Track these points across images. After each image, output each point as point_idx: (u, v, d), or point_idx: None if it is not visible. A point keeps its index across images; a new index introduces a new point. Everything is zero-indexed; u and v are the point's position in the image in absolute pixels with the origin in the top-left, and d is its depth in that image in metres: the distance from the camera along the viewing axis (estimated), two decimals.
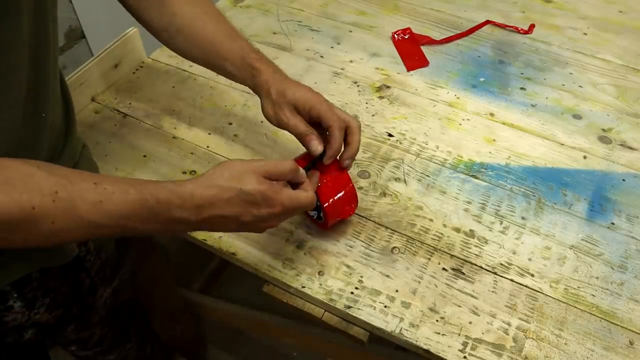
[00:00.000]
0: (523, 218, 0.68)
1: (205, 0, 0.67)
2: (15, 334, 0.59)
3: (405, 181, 0.72)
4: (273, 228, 0.54)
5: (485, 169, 0.74)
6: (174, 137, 0.77)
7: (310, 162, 0.59)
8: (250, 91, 0.63)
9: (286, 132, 0.76)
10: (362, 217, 0.67)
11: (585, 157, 0.77)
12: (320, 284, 0.61)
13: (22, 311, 0.58)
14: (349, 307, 0.59)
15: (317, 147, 0.58)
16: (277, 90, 0.60)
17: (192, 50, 0.65)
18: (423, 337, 0.56)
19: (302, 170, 0.54)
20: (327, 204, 0.60)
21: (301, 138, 0.59)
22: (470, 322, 0.58)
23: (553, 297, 0.60)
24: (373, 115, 0.81)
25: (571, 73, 0.91)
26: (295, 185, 0.54)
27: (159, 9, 0.64)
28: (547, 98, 0.86)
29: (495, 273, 0.62)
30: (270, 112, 0.61)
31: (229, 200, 0.48)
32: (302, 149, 0.60)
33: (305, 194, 0.53)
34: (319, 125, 0.60)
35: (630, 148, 0.78)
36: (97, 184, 0.42)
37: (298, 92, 0.60)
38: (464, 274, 0.62)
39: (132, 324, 0.81)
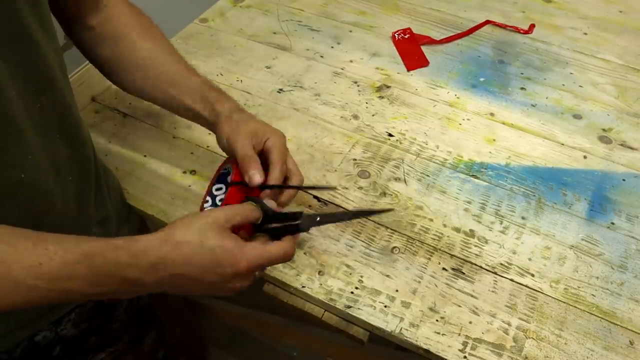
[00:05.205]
0: (523, 218, 0.68)
1: (156, 31, 0.64)
2: (46, 354, 0.59)
3: (405, 181, 0.72)
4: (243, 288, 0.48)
5: (485, 168, 0.74)
6: (174, 137, 0.77)
7: (242, 182, 0.55)
8: (251, 91, 0.63)
9: (288, 130, 0.76)
10: None
11: (585, 157, 0.77)
12: (320, 284, 0.61)
13: (50, 328, 0.58)
14: (349, 307, 0.59)
15: (256, 177, 0.53)
16: (240, 117, 0.57)
17: (152, 90, 0.61)
18: (423, 337, 0.56)
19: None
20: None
21: (245, 161, 0.54)
22: (470, 322, 0.58)
23: (553, 297, 0.60)
24: (373, 115, 0.81)
25: (571, 73, 0.91)
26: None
27: (113, 45, 0.60)
28: (547, 98, 0.86)
29: (495, 273, 0.62)
30: (225, 130, 0.56)
31: (187, 258, 0.43)
32: (302, 153, 0.60)
33: (277, 246, 0.48)
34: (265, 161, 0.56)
35: (630, 148, 0.78)
36: (36, 244, 0.39)
37: (260, 123, 0.58)
38: (464, 273, 0.62)
39: (148, 330, 0.80)
